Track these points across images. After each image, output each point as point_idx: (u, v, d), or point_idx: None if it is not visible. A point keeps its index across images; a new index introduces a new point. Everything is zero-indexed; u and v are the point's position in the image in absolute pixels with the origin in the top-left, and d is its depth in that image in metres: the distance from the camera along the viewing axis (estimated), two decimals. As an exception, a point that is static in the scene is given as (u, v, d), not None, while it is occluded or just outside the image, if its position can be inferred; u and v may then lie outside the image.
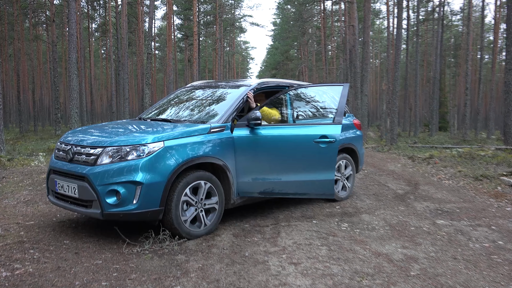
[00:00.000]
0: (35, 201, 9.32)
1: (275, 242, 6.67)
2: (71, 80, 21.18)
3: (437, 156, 17.90)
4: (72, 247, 6.29)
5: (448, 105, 57.92)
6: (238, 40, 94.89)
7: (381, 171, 14.65)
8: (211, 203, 7.01)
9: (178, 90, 9.59)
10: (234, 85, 8.64)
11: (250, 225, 7.64)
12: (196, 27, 42.64)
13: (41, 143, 26.87)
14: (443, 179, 12.90)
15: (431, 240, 6.92)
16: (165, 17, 67.94)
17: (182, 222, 6.57)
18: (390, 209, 8.96)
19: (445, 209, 9.01)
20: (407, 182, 12.36)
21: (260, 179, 7.61)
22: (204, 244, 6.51)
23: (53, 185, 6.94)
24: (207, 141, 6.91)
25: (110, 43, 56.99)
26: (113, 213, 6.16)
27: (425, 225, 7.78)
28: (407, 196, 10.34)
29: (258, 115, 7.38)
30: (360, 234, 7.16)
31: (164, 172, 6.28)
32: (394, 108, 27.79)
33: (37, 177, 12.33)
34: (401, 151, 21.52)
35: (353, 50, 33.85)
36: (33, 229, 7.19)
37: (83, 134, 7.20)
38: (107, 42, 62.90)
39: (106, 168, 6.16)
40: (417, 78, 46.10)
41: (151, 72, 30.48)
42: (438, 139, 35.39)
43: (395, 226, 7.71)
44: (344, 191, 9.87)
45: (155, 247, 6.26)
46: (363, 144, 11.57)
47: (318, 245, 6.54)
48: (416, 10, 46.50)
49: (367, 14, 30.98)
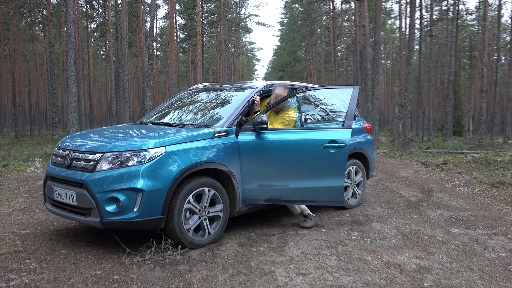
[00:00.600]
0: (31, 209, 9.33)
1: (282, 251, 6.67)
2: (69, 82, 21.20)
3: (451, 161, 17.89)
4: (70, 257, 6.29)
5: (463, 108, 57.82)
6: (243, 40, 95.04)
7: (393, 177, 14.63)
8: (215, 211, 7.00)
9: (180, 93, 9.60)
10: (239, 87, 8.65)
11: (256, 234, 7.64)
12: (199, 27, 42.68)
13: (37, 148, 26.92)
14: (458, 186, 12.88)
15: (445, 249, 6.90)
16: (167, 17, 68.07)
17: (185, 230, 6.56)
18: (402, 217, 8.96)
19: (460, 217, 9.00)
20: (420, 189, 12.35)
21: (267, 185, 7.58)
22: (208, 253, 6.51)
23: (50, 192, 6.94)
24: (211, 146, 6.91)
25: (109, 44, 57.01)
26: (113, 222, 6.15)
27: (439, 234, 7.77)
28: (420, 204, 10.33)
29: (264, 119, 7.35)
30: (371, 244, 7.15)
31: (166, 178, 6.27)
32: (406, 111, 27.79)
33: (34, 183, 12.35)
34: (414, 157, 21.52)
35: (364, 51, 33.86)
36: (29, 238, 7.20)
37: (82, 139, 7.21)
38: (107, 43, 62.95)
39: (105, 175, 6.16)
40: (431, 81, 46.10)
41: (152, 74, 30.56)
42: (453, 144, 35.37)
43: (408, 235, 7.70)
44: (354, 199, 9.87)
45: (157, 257, 6.25)
46: (374, 149, 11.57)
47: (327, 254, 6.54)
48: (430, 9, 46.59)
49: (379, 13, 30.93)
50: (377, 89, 30.59)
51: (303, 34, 65.43)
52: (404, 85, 30.25)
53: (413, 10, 28.19)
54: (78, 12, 43.77)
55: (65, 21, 24.01)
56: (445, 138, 43.06)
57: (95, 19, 64.05)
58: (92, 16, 61.76)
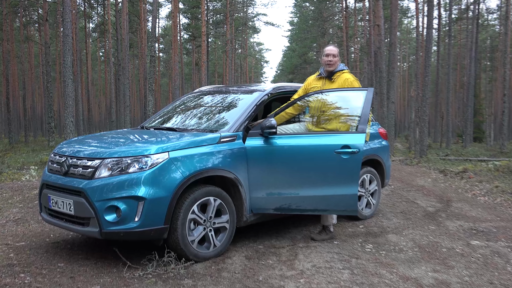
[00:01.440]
0: (26, 219, 9.36)
1: (292, 265, 6.66)
2: (66, 85, 21.28)
3: (471, 170, 17.84)
4: (67, 270, 6.30)
5: (483, 113, 57.81)
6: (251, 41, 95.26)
7: (409, 186, 14.61)
8: (221, 222, 6.98)
9: (184, 96, 9.62)
10: (246, 90, 8.65)
11: (264, 246, 7.63)
12: (204, 27, 42.83)
13: (32, 155, 26.98)
14: (478, 195, 12.85)
15: (465, 262, 6.88)
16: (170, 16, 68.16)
17: (189, 242, 6.54)
18: (419, 229, 8.93)
19: (481, 229, 8.97)
20: (438, 199, 12.33)
21: (276, 194, 7.56)
22: (213, 267, 6.50)
23: (46, 201, 6.94)
24: (216, 152, 6.91)
25: (109, 45, 57.21)
26: (112, 232, 6.14)
27: (458, 246, 7.75)
28: (438, 214, 10.30)
29: (273, 123, 7.32)
30: (386, 256, 7.14)
31: (169, 186, 6.27)
32: (424, 116, 27.75)
33: (29, 193, 12.38)
34: (432, 164, 21.47)
35: (379, 53, 33.83)
36: (24, 250, 7.21)
37: (80, 144, 7.23)
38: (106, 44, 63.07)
39: (105, 182, 6.16)
40: (450, 84, 46.07)
41: (154, 77, 30.60)
42: (473, 151, 35.31)
43: (425, 247, 7.69)
44: (369, 209, 9.84)
45: (159, 271, 6.25)
46: (390, 156, 11.54)
47: (339, 268, 6.53)
48: (449, 8, 46.52)
49: (394, 13, 30.94)
50: (392, 92, 30.59)
51: (314, 35, 65.38)
52: (421, 88, 30.16)
53: (431, 9, 28.16)
54: (75, 11, 43.84)
55: (62, 21, 24.11)
56: (465, 145, 42.99)
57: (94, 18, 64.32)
58: (90, 15, 61.96)
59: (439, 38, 44.89)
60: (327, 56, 8.12)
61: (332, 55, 8.12)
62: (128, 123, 38.63)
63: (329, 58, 8.10)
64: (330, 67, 8.13)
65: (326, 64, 8.15)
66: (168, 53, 76.89)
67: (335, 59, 8.17)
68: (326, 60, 8.09)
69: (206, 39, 45.03)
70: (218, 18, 62.24)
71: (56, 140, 37.70)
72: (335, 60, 8.18)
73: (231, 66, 58.84)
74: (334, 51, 8.19)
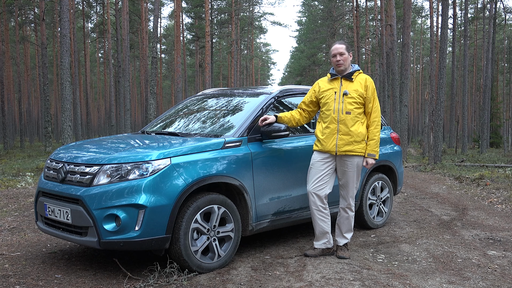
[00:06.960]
0: (22, 228, 9.37)
1: (300, 276, 6.65)
2: (64, 88, 21.30)
3: (488, 176, 17.81)
4: (64, 282, 6.30)
5: (501, 117, 57.57)
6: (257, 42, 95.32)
7: (423, 193, 14.60)
8: (226, 231, 6.96)
9: (187, 99, 9.61)
10: (252, 93, 8.61)
11: (271, 256, 7.62)
12: (208, 26, 42.81)
13: (28, 161, 27.05)
14: (495, 203, 12.83)
15: (482, 274, 6.86)
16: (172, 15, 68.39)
17: (192, 253, 6.52)
18: (433, 238, 8.92)
19: (498, 238, 8.95)
20: (453, 207, 12.31)
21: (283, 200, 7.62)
22: (217, 278, 6.49)
23: (42, 209, 6.93)
24: (221, 158, 6.89)
25: (108, 45, 57.26)
26: (112, 242, 6.12)
27: (475, 257, 7.73)
28: (454, 223, 10.28)
29: (280, 127, 7.34)
30: (399, 267, 7.12)
31: (171, 193, 6.25)
32: (438, 120, 27.71)
33: (24, 200, 12.40)
34: (447, 171, 21.43)
35: (391, 54, 33.86)
36: (19, 261, 7.22)
37: (77, 150, 7.22)
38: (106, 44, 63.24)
39: (103, 189, 6.15)
40: (465, 86, 46.02)
41: (156, 79, 30.60)
42: (490, 156, 35.22)
43: (440, 257, 7.67)
44: (380, 217, 9.81)
45: (161, 282, 6.25)
46: (403, 162, 11.53)
47: (350, 279, 6.51)
48: (464, 7, 46.56)
49: (407, 12, 30.90)
50: (405, 95, 30.56)
51: (323, 35, 65.32)
52: (436, 91, 30.17)
53: (446, 8, 28.15)
54: (73, 10, 43.85)
55: (59, 20, 24.16)
56: (481, 150, 42.87)
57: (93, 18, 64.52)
58: (89, 15, 62.15)
59: (454, 38, 44.73)
60: (334, 56, 7.59)
61: (339, 54, 7.59)
62: (129, 127, 38.66)
63: (337, 58, 7.59)
64: (340, 67, 7.62)
65: (336, 65, 7.64)
66: (171, 54, 77.06)
67: (344, 56, 7.61)
68: (335, 61, 7.73)
69: (210, 39, 45.02)
70: (223, 18, 62.34)
71: (53, 146, 37.81)
72: (345, 57, 7.61)
73: (237, 68, 58.89)
74: (341, 49, 7.65)
